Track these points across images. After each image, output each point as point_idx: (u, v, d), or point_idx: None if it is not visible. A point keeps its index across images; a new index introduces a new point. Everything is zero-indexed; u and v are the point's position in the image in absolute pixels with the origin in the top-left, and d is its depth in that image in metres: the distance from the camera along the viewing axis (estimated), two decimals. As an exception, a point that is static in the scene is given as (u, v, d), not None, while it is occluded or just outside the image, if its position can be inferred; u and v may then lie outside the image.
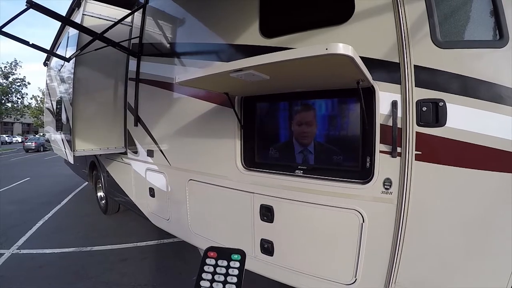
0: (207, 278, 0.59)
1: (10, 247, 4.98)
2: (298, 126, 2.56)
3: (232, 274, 0.59)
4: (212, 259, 0.62)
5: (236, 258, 0.62)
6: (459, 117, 1.80)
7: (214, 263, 0.61)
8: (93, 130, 4.48)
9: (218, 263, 0.61)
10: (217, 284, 0.57)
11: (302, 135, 2.54)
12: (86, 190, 9.09)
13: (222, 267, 0.60)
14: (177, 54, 3.64)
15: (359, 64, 1.58)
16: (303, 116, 2.56)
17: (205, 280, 0.58)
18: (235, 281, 0.57)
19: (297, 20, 2.51)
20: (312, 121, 2.49)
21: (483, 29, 1.85)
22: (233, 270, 0.59)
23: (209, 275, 0.59)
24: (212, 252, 0.63)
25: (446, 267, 1.92)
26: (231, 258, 0.62)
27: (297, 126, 2.57)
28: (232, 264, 0.61)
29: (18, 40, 3.90)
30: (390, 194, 2.02)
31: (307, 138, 2.53)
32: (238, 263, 0.61)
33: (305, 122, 2.53)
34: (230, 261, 0.61)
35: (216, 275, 0.59)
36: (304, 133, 2.53)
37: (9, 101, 33.45)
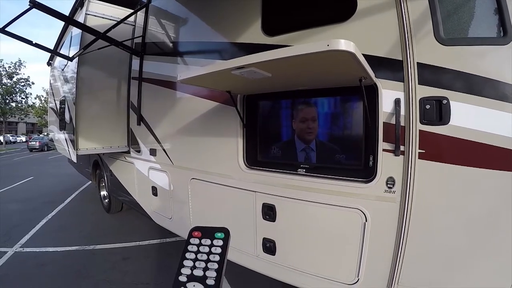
0: (190, 257, 0.58)
1: (13, 245, 5.00)
2: (302, 122, 2.55)
3: (215, 253, 0.58)
4: (196, 239, 0.61)
5: (220, 236, 0.61)
6: (463, 115, 1.78)
7: (198, 242, 0.60)
8: (96, 129, 4.50)
9: (202, 242, 0.60)
10: (199, 263, 0.56)
11: (305, 132, 2.53)
12: (89, 189, 9.12)
13: (206, 245, 0.59)
14: (179, 53, 3.65)
15: (361, 60, 1.57)
16: (306, 112, 2.55)
17: (188, 259, 0.58)
18: (217, 259, 0.57)
19: (299, 18, 2.51)
20: (315, 117, 2.48)
21: (486, 26, 1.83)
22: (216, 249, 0.59)
23: (192, 254, 0.58)
24: (196, 231, 0.62)
25: (450, 267, 1.91)
26: (214, 236, 0.61)
27: (300, 123, 2.56)
28: (215, 242, 0.60)
29: (21, 39, 3.92)
30: (393, 193, 2.01)
31: (310, 134, 2.51)
32: (221, 241, 0.60)
33: (309, 118, 2.51)
34: (214, 239, 0.60)
35: (199, 254, 0.58)
36: (308, 129, 2.51)
37: (13, 100, 33.64)
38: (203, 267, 0.55)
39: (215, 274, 0.54)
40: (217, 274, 0.54)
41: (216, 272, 0.55)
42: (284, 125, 2.71)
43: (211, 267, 0.55)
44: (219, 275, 0.54)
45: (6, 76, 32.14)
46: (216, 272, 0.55)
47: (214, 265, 0.55)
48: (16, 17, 3.57)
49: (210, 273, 0.54)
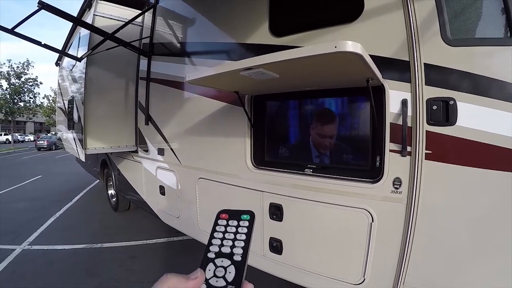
0: (218, 237, 0.61)
1: (22, 243, 5.07)
2: (321, 137, 2.53)
3: (241, 232, 0.61)
4: (223, 220, 0.65)
5: (246, 218, 0.64)
6: (470, 116, 1.77)
7: (225, 223, 0.64)
8: (104, 128, 4.54)
9: (229, 223, 0.64)
10: (227, 241, 0.60)
11: (324, 146, 2.53)
12: (97, 188, 9.19)
13: (232, 226, 0.63)
14: (187, 53, 3.67)
15: (368, 62, 1.58)
16: (329, 128, 2.52)
17: (216, 238, 0.61)
18: (244, 238, 0.60)
19: (307, 18, 2.52)
20: (335, 133, 2.48)
21: (493, 26, 1.83)
22: (242, 229, 0.62)
23: (220, 234, 0.62)
24: (223, 214, 0.66)
25: (456, 267, 1.90)
26: (241, 218, 0.64)
27: (318, 137, 2.54)
28: (241, 223, 0.63)
29: (30, 40, 3.96)
30: (400, 194, 2.01)
31: (328, 148, 2.52)
32: (247, 222, 0.63)
33: (329, 135, 2.50)
34: (240, 220, 0.64)
35: (226, 233, 0.62)
36: (326, 144, 2.51)
37: (22, 100, 33.91)
38: (230, 245, 0.59)
39: (241, 251, 0.58)
40: (243, 251, 0.58)
41: (243, 249, 0.58)
42: (292, 125, 2.73)
43: (238, 245, 0.59)
44: (245, 252, 0.58)
45: (14, 76, 32.40)
46: (242, 249, 0.58)
47: (240, 243, 0.59)
48: (25, 18, 3.61)
49: (237, 250, 0.58)
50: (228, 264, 0.56)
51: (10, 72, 32.12)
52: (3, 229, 5.77)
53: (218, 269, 0.55)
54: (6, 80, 31.94)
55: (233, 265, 0.55)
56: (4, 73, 31.81)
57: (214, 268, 0.55)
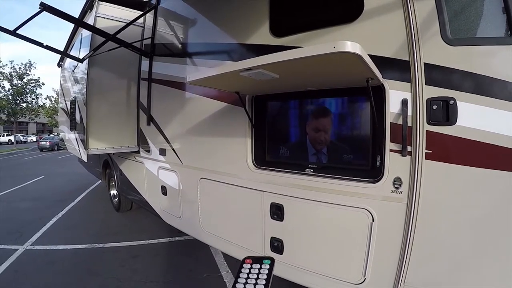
0: (243, 277, 0.72)
1: (24, 243, 5.08)
2: (316, 132, 2.55)
3: (263, 273, 0.72)
4: (248, 264, 0.76)
5: (267, 262, 0.75)
6: (470, 116, 1.77)
7: (249, 267, 0.75)
8: (106, 129, 4.55)
9: (252, 266, 0.75)
10: (250, 280, 0.70)
11: (319, 141, 2.54)
12: (99, 189, 9.21)
13: (255, 269, 0.74)
14: (188, 54, 3.68)
15: (368, 62, 1.58)
16: (323, 123, 2.55)
17: (241, 278, 0.71)
18: (265, 277, 0.70)
19: (307, 19, 2.52)
20: (330, 128, 2.50)
21: (494, 25, 1.83)
22: (263, 270, 0.73)
23: (245, 275, 0.72)
24: (248, 259, 0.77)
25: (456, 267, 1.90)
26: (263, 262, 0.75)
27: (315, 132, 2.57)
28: (263, 266, 0.74)
29: (32, 41, 3.98)
30: (400, 193, 2.01)
31: (324, 143, 2.53)
32: (268, 265, 0.74)
33: (322, 129, 2.53)
34: (262, 264, 0.75)
35: (250, 274, 0.72)
36: (324, 140, 2.53)
37: (24, 101, 33.97)
38: (253, 283, 0.70)
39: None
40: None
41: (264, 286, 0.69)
42: (292, 125, 2.73)
43: (260, 283, 0.69)
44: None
45: (16, 77, 32.49)
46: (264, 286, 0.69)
47: (262, 281, 0.70)
48: (27, 20, 3.62)
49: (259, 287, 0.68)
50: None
51: (12, 73, 32.21)
52: (6, 229, 5.79)
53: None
54: (8, 81, 32.01)
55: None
56: (7, 74, 31.90)
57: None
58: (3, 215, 6.79)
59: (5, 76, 31.76)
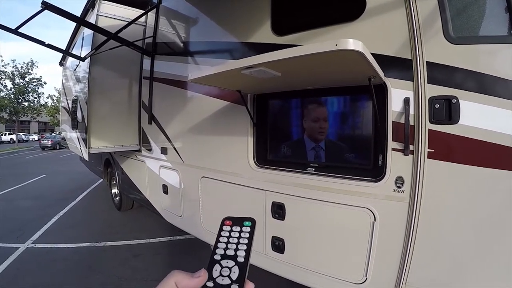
0: (223, 241, 0.68)
1: (26, 241, 5.10)
2: (313, 122, 2.55)
3: (244, 237, 0.68)
4: (227, 226, 0.72)
5: (248, 224, 0.72)
6: (473, 115, 1.77)
7: (229, 229, 0.71)
8: (107, 128, 4.56)
9: (233, 228, 0.71)
10: (231, 245, 0.67)
11: (316, 131, 2.53)
12: (100, 187, 9.22)
13: (236, 231, 0.70)
14: (190, 52, 3.68)
15: (370, 59, 1.57)
16: (318, 112, 2.55)
17: (221, 242, 0.68)
18: (246, 242, 0.67)
19: (309, 17, 2.52)
20: (326, 117, 2.48)
21: (496, 24, 1.82)
22: (244, 234, 0.69)
23: (225, 238, 0.69)
24: (227, 221, 0.73)
25: (458, 267, 1.90)
26: (243, 224, 0.72)
27: (311, 122, 2.56)
28: (244, 229, 0.70)
29: (34, 40, 3.98)
30: (402, 193, 2.00)
31: (321, 134, 2.51)
32: (249, 228, 0.71)
33: (321, 118, 2.52)
34: (243, 226, 0.71)
35: (230, 238, 0.69)
36: (319, 129, 2.51)
37: (26, 100, 34.09)
38: (234, 248, 0.66)
39: (244, 253, 0.64)
40: (246, 253, 0.65)
41: (245, 251, 0.65)
42: (294, 124, 2.72)
43: (241, 248, 0.66)
44: (247, 253, 0.65)
45: (18, 76, 32.57)
46: (245, 251, 0.65)
47: (243, 246, 0.66)
48: (29, 19, 3.62)
49: (240, 252, 0.65)
50: (233, 264, 0.62)
51: (14, 72, 32.31)
52: (8, 227, 5.80)
53: (224, 269, 0.61)
54: (10, 80, 32.14)
55: (237, 265, 0.62)
56: (9, 73, 32.02)
57: (220, 268, 0.62)
58: (5, 214, 6.81)
59: (7, 75, 31.86)
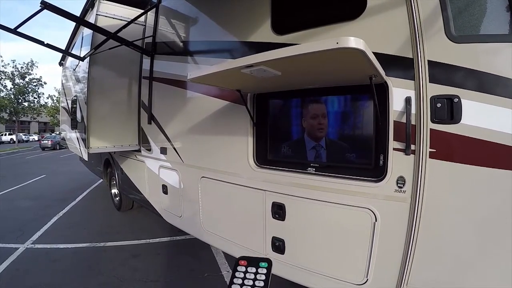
0: (238, 282, 0.66)
1: (25, 241, 5.08)
2: (312, 119, 2.53)
3: (260, 279, 0.66)
4: (242, 267, 0.70)
5: (264, 265, 0.69)
6: (475, 114, 1.75)
7: (244, 270, 0.69)
8: (107, 128, 4.55)
9: (248, 269, 0.69)
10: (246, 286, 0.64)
11: (316, 128, 2.51)
12: (100, 188, 9.21)
13: (251, 273, 0.68)
14: (190, 52, 3.67)
15: (371, 58, 1.56)
16: (317, 109, 2.53)
17: (236, 284, 0.65)
18: (262, 285, 0.64)
19: (309, 16, 2.50)
20: (325, 114, 2.47)
21: (498, 23, 1.80)
22: (260, 276, 0.67)
23: (239, 280, 0.66)
24: (242, 260, 0.71)
25: (460, 268, 1.89)
26: (259, 265, 0.69)
27: (311, 120, 2.55)
28: (260, 270, 0.68)
29: (33, 40, 3.97)
30: (404, 193, 1.99)
31: (321, 131, 2.50)
32: (265, 270, 0.68)
33: (320, 115, 2.50)
34: (258, 268, 0.69)
35: (245, 280, 0.66)
36: (318, 125, 2.50)
37: (26, 100, 34.06)
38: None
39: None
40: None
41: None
42: (294, 123, 2.71)
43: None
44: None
45: (18, 76, 32.56)
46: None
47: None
48: (28, 18, 3.60)
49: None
50: None
51: (14, 73, 32.29)
52: (8, 227, 5.79)
53: None
54: (10, 80, 32.11)
55: None
56: (8, 73, 32.00)
57: None
58: (5, 214, 6.80)
59: (7, 75, 31.85)
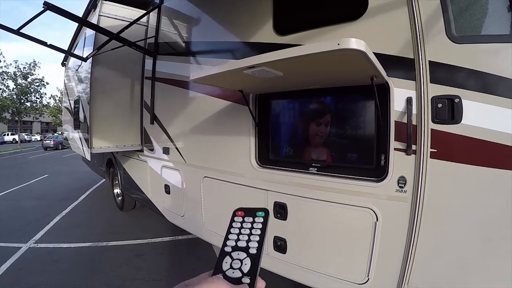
0: (235, 232, 0.65)
1: (28, 241, 5.12)
2: (314, 119, 2.55)
3: (256, 228, 0.65)
4: (239, 217, 0.69)
5: (260, 214, 0.68)
6: (476, 114, 1.75)
7: (241, 220, 0.68)
8: (110, 128, 4.57)
9: (245, 219, 0.68)
10: (243, 236, 0.63)
11: (319, 130, 2.53)
12: (103, 187, 9.25)
13: (248, 222, 0.67)
14: (192, 52, 3.68)
15: (372, 59, 1.57)
16: (319, 109, 2.55)
17: (232, 234, 0.64)
18: (259, 233, 0.63)
19: (311, 17, 2.51)
20: (329, 121, 2.48)
21: (499, 23, 1.81)
22: (257, 224, 0.66)
23: (236, 229, 0.65)
24: (239, 211, 0.70)
25: (461, 268, 1.89)
26: (256, 215, 0.68)
27: (312, 120, 2.56)
28: (256, 219, 0.67)
29: (36, 41, 3.99)
30: (405, 193, 2.00)
31: (322, 131, 2.51)
32: (262, 219, 0.67)
33: (322, 115, 2.52)
34: (255, 217, 0.68)
35: (242, 229, 0.65)
36: (320, 126, 2.51)
37: (28, 100, 34.15)
38: (246, 240, 0.62)
39: (256, 245, 0.61)
40: (259, 244, 0.61)
41: (258, 243, 0.61)
42: (296, 124, 2.72)
43: (253, 239, 0.62)
44: (260, 245, 0.61)
45: (21, 77, 32.64)
46: (257, 243, 0.61)
47: (255, 237, 0.62)
48: (31, 19, 3.62)
49: (252, 244, 0.61)
50: (244, 256, 0.59)
51: (17, 73, 32.37)
52: (10, 227, 5.83)
53: (235, 262, 0.58)
54: (13, 81, 32.18)
55: (249, 257, 0.58)
56: (11, 73, 32.06)
57: (230, 260, 0.58)
58: (8, 213, 6.85)
59: (9, 76, 31.92)
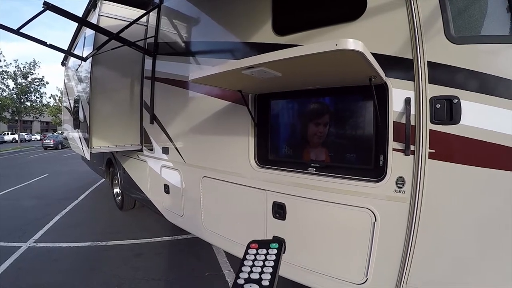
0: (248, 264, 0.65)
1: (27, 240, 5.11)
2: (313, 119, 2.56)
3: (270, 259, 0.65)
4: (253, 249, 0.69)
5: (274, 246, 0.69)
6: (474, 115, 1.76)
7: (255, 252, 0.68)
8: (109, 127, 4.57)
9: (258, 251, 0.68)
10: (256, 268, 0.63)
11: (316, 129, 2.53)
12: (102, 187, 9.24)
13: (262, 254, 0.67)
14: (191, 52, 3.68)
15: (370, 60, 1.57)
16: (318, 109, 2.56)
17: (246, 266, 0.64)
18: (272, 264, 0.64)
19: (310, 17, 2.52)
20: (328, 122, 2.49)
21: (498, 23, 1.81)
22: (270, 256, 0.66)
23: (249, 262, 0.66)
24: (254, 244, 0.71)
25: (459, 268, 1.89)
26: (269, 246, 0.69)
27: (311, 120, 2.57)
28: (270, 251, 0.67)
29: (36, 40, 3.99)
30: (403, 193, 2.00)
31: (321, 131, 2.52)
32: (276, 250, 0.68)
33: (320, 115, 2.53)
34: (269, 249, 0.68)
35: (255, 261, 0.65)
36: (319, 126, 2.52)
37: (28, 100, 34.13)
38: (259, 272, 0.62)
39: (269, 276, 0.61)
40: (271, 276, 0.61)
41: (271, 274, 0.61)
42: (295, 124, 2.73)
43: (266, 271, 0.62)
44: (273, 277, 0.61)
45: (21, 76, 32.62)
46: (270, 275, 0.61)
47: (268, 269, 0.62)
48: (31, 19, 3.62)
49: (265, 276, 0.61)
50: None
51: (16, 72, 32.35)
52: (10, 226, 5.82)
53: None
54: (12, 80, 32.15)
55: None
56: (11, 73, 32.04)
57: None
58: (7, 213, 6.84)
59: (9, 75, 31.90)
